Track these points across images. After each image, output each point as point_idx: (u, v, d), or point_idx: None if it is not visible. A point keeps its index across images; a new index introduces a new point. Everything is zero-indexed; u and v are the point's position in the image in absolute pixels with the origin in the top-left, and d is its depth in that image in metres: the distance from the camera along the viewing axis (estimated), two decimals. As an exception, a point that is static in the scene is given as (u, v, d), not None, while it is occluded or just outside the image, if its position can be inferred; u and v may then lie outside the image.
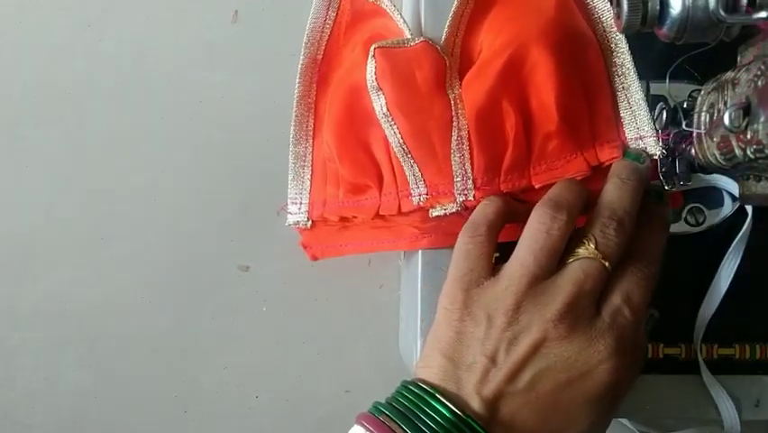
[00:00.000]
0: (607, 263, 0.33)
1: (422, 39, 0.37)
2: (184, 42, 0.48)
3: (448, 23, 0.37)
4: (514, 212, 0.36)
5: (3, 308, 0.48)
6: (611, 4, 0.36)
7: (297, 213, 0.42)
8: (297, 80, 0.41)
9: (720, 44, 0.29)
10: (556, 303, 0.32)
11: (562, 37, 0.36)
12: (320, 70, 0.42)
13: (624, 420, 0.44)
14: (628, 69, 0.37)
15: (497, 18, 0.37)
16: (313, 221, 0.42)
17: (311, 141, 0.42)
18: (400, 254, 0.46)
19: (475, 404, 0.31)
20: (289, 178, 0.42)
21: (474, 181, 0.37)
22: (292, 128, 0.42)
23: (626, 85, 0.37)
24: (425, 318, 0.38)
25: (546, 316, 0.31)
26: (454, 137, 0.36)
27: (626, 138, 0.37)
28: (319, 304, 0.48)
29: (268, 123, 0.44)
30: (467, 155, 0.37)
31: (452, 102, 0.37)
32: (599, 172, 0.37)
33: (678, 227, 0.38)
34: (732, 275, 0.37)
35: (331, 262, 0.48)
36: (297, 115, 0.42)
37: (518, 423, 0.31)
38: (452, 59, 0.37)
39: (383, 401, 0.33)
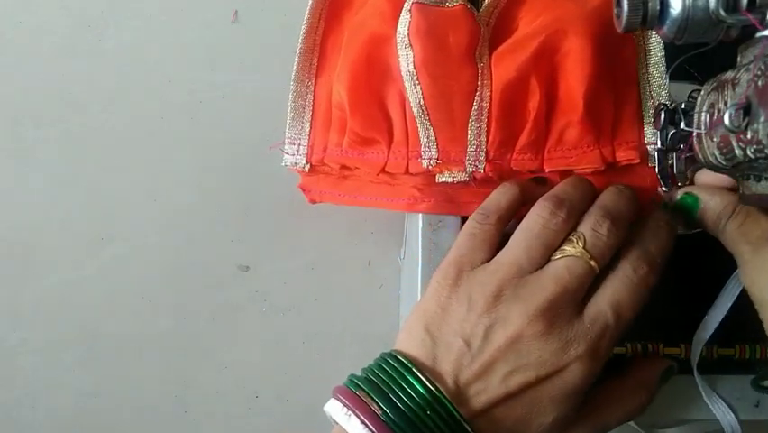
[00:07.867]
0: (594, 263, 0.32)
1: (460, 1, 0.36)
2: (184, 42, 0.48)
3: None
4: (531, 197, 0.35)
5: (3, 308, 0.48)
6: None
7: (295, 154, 0.40)
8: (306, 15, 0.39)
9: (720, 44, 0.29)
10: (537, 299, 0.32)
11: (601, 29, 0.35)
12: (330, 6, 0.40)
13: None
14: (660, 71, 0.37)
15: None
16: (312, 165, 0.40)
17: (313, 79, 0.41)
18: (400, 254, 0.47)
19: (449, 385, 0.31)
20: (288, 117, 0.40)
21: (486, 154, 0.36)
22: (295, 65, 0.40)
23: (653, 87, 0.37)
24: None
25: (525, 311, 0.31)
26: (475, 107, 0.36)
27: (644, 140, 0.37)
28: (319, 304, 0.48)
29: (268, 123, 0.44)
30: (484, 127, 0.36)
31: (480, 72, 0.36)
32: (613, 172, 0.37)
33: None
34: (739, 291, 0.37)
35: (331, 262, 0.48)
36: (301, 52, 0.40)
37: (485, 410, 0.31)
38: (486, 28, 0.37)
39: (360, 373, 0.33)
